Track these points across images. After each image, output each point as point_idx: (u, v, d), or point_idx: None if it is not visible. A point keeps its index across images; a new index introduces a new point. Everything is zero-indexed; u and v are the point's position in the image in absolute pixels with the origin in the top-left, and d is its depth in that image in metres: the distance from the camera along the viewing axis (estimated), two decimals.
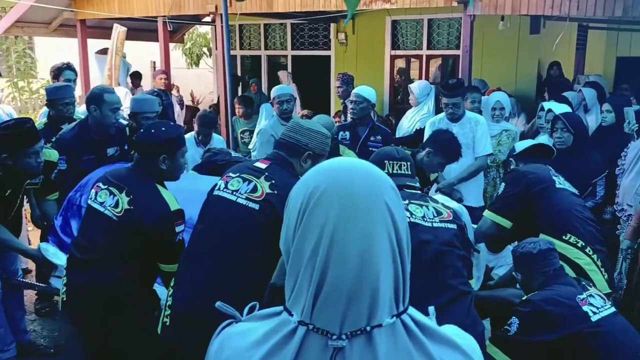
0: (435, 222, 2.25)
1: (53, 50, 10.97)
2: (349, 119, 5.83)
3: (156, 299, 2.68)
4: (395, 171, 2.43)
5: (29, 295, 4.31)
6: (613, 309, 2.39)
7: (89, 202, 2.67)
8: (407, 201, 2.27)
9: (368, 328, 0.83)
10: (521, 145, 3.57)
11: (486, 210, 3.14)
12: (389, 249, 0.86)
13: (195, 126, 4.97)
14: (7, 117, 4.78)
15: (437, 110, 5.86)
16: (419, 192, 2.42)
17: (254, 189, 2.30)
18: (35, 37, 11.96)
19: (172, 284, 2.42)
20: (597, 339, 2.24)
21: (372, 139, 4.35)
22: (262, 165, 2.40)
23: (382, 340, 0.83)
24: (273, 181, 2.32)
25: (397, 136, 5.70)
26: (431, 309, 1.09)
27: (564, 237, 2.81)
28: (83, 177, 3.70)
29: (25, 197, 3.66)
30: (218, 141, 4.99)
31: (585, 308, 2.31)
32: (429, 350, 0.86)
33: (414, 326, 0.87)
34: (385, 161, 2.44)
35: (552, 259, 2.55)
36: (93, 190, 2.66)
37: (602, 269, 2.81)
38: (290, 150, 2.42)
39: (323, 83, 10.05)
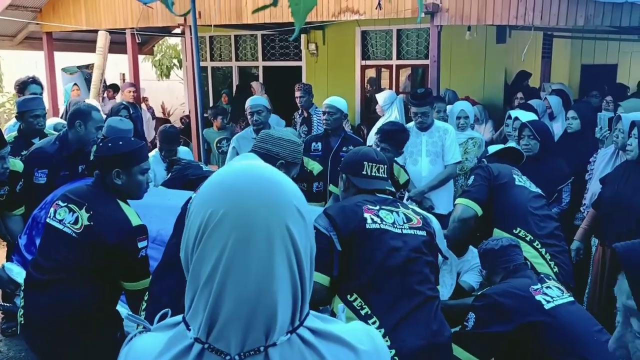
0: (404, 228, 2.29)
1: (18, 64, 10.77)
2: (314, 129, 5.88)
3: (119, 319, 2.62)
4: (373, 173, 2.44)
5: None
6: (570, 299, 2.47)
7: (48, 220, 2.59)
8: (377, 207, 2.30)
9: (262, 348, 0.85)
10: (493, 148, 3.79)
11: (458, 198, 3.27)
12: (287, 276, 0.86)
13: (158, 142, 4.90)
14: None
15: (407, 120, 5.93)
16: (390, 197, 2.44)
17: None
18: (0, 51, 11.72)
19: (145, 298, 2.38)
20: (552, 328, 2.30)
21: (344, 149, 4.37)
22: None
23: (276, 355, 0.85)
24: None
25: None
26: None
27: (514, 230, 2.99)
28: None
29: None
30: (184, 153, 4.88)
31: (539, 297, 2.39)
32: (320, 351, 0.89)
33: (310, 336, 0.89)
34: (365, 162, 2.44)
35: (514, 255, 2.67)
36: (52, 209, 2.59)
37: (552, 262, 2.94)
38: (264, 161, 2.43)
39: (294, 94, 10.07)
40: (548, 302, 2.37)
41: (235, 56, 10.65)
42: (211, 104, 10.08)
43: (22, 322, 2.54)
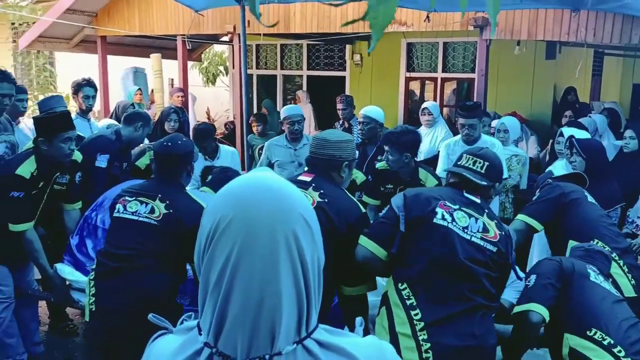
0: (475, 236, 2.27)
1: (73, 66, 11.17)
2: (355, 140, 5.88)
3: (180, 310, 2.70)
4: (468, 165, 2.44)
5: (43, 307, 4.34)
6: (614, 290, 2.51)
7: (117, 214, 2.75)
8: (457, 206, 2.32)
9: (267, 356, 0.86)
10: (558, 171, 3.82)
11: (519, 214, 3.19)
12: (292, 283, 0.88)
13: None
14: (30, 131, 4.85)
15: (454, 133, 5.87)
16: (479, 200, 2.39)
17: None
18: (56, 53, 12.19)
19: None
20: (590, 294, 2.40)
21: (379, 158, 4.38)
22: (307, 178, 2.51)
23: None
24: (322, 191, 2.44)
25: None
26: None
27: (592, 242, 2.91)
28: (110, 183, 3.80)
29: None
30: (225, 155, 4.95)
31: (590, 270, 2.48)
32: None
33: (316, 348, 0.90)
34: (464, 154, 2.48)
35: (601, 262, 2.66)
36: (119, 205, 2.75)
37: (629, 275, 2.87)
38: (326, 166, 2.52)
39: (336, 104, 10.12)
40: (595, 277, 2.46)
41: (281, 65, 10.79)
42: (255, 111, 10.23)
43: (93, 309, 2.66)
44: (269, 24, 7.20)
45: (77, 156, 3.63)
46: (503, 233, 2.34)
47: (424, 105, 5.88)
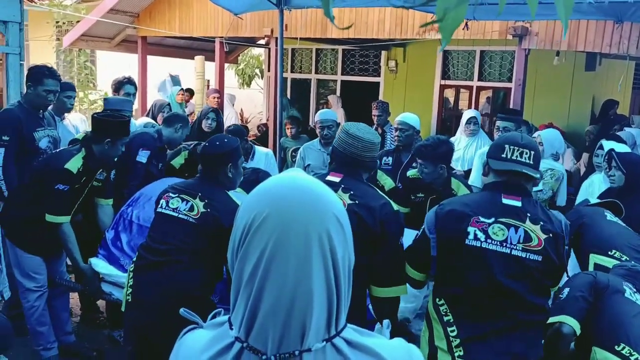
0: (516, 248, 2.14)
1: (113, 65, 11.45)
2: (387, 145, 5.86)
3: (213, 307, 2.75)
4: (514, 157, 2.23)
5: (74, 298, 4.45)
6: None
7: (159, 210, 2.83)
8: (492, 219, 2.16)
9: (297, 352, 0.88)
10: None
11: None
12: (323, 280, 0.90)
13: None
14: (73, 128, 4.99)
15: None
16: (520, 203, 2.20)
17: None
18: (97, 51, 12.51)
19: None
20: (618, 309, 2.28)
21: (414, 164, 4.36)
22: (336, 179, 2.46)
23: None
24: (352, 192, 2.40)
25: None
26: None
27: (610, 252, 2.80)
28: (146, 180, 3.92)
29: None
30: (260, 156, 4.97)
31: (626, 287, 2.36)
32: None
33: (345, 347, 0.91)
34: (506, 145, 2.25)
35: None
36: (163, 200, 2.84)
37: None
38: (357, 165, 2.49)
39: (371, 109, 10.12)
40: (630, 295, 2.35)
41: (315, 69, 10.84)
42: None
43: (129, 299, 2.74)
44: (305, 28, 7.26)
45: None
46: (550, 235, 2.16)
47: (472, 114, 5.66)
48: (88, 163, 3.42)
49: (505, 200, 2.21)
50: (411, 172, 3.98)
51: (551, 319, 2.32)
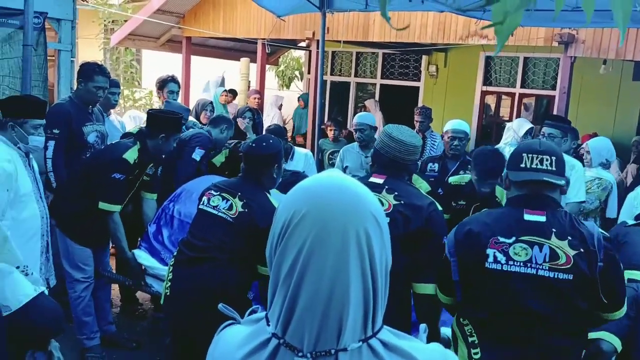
0: (542, 268, 1.96)
1: (157, 64, 11.71)
2: (427, 152, 5.80)
3: (250, 304, 2.80)
4: (534, 165, 2.06)
5: (115, 290, 4.58)
6: None
7: (201, 206, 2.88)
8: (512, 239, 2.00)
9: (333, 351, 0.88)
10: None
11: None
12: (360, 279, 0.90)
13: None
14: (119, 124, 5.14)
15: None
16: (544, 218, 2.02)
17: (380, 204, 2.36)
18: (142, 50, 12.82)
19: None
20: None
21: (460, 173, 4.31)
22: (379, 180, 2.48)
23: None
24: (396, 192, 2.41)
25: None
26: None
27: None
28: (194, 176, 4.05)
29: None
30: (299, 157, 5.02)
31: None
32: None
33: (381, 348, 0.91)
34: (524, 154, 2.08)
35: None
36: (205, 197, 2.89)
37: None
38: (400, 167, 2.51)
39: (410, 114, 10.07)
40: None
41: (355, 72, 10.86)
42: (326, 117, 10.34)
43: (168, 293, 2.81)
44: (347, 31, 7.28)
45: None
46: (580, 251, 1.96)
47: (530, 125, 5.42)
48: (142, 156, 3.56)
49: (527, 217, 2.03)
50: (453, 179, 3.94)
51: (591, 335, 2.20)
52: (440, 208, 2.46)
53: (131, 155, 3.50)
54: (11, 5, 4.12)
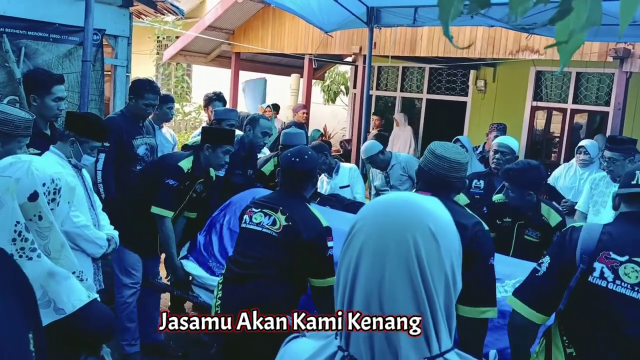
0: None
1: (207, 79, 12.00)
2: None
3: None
4: None
5: (164, 299, 4.67)
6: None
7: (244, 225, 2.91)
8: (626, 257, 1.84)
9: None
10: None
11: None
12: (409, 287, 0.87)
13: None
14: (171, 137, 5.28)
15: None
16: None
17: None
18: (193, 65, 13.17)
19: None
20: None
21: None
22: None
23: None
24: None
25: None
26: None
27: None
28: (229, 190, 4.07)
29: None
30: (344, 172, 4.96)
31: None
32: None
33: None
34: (637, 172, 1.98)
35: None
36: (246, 215, 2.92)
37: None
38: (448, 186, 2.38)
39: (457, 129, 9.96)
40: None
41: (401, 87, 10.82)
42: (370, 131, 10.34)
43: (218, 311, 2.85)
44: (394, 46, 7.28)
45: (212, 173, 3.94)
46: None
47: (581, 143, 5.25)
48: (195, 168, 3.64)
49: None
50: (497, 197, 3.84)
51: None
52: (487, 228, 2.34)
53: (185, 164, 3.60)
54: (72, 22, 4.32)
